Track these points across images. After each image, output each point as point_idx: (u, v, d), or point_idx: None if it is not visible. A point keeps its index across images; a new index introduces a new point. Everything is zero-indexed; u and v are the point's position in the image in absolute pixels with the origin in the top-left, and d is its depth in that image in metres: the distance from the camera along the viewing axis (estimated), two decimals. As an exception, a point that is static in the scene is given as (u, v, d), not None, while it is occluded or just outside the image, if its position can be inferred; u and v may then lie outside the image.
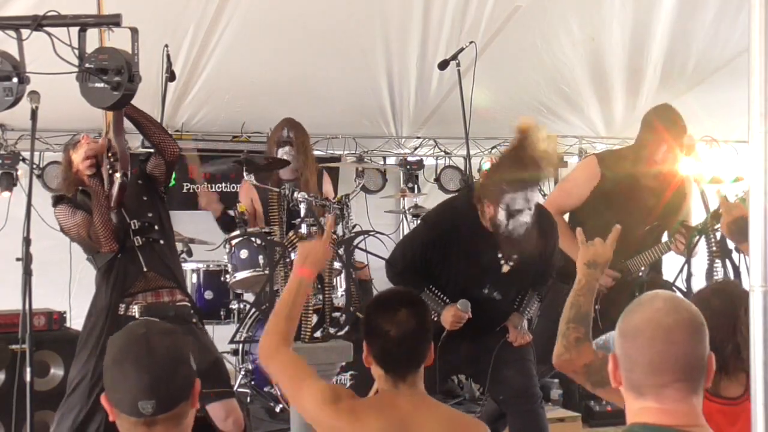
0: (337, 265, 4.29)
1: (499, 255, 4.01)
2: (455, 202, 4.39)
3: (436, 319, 3.95)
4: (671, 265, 4.65)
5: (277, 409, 5.12)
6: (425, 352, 2.60)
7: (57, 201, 3.77)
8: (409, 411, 2.54)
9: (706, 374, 1.89)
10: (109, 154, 3.48)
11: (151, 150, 3.97)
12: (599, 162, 4.66)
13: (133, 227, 3.79)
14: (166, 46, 4.72)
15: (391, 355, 2.56)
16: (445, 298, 4.05)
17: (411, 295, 2.71)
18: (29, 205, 3.36)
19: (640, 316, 1.90)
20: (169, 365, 1.90)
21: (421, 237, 4.17)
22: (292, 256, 4.19)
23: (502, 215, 3.89)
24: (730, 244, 4.47)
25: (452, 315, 3.95)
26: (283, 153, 5.42)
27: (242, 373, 5.35)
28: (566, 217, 4.75)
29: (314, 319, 3.79)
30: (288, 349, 2.74)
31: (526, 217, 3.89)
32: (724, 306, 2.49)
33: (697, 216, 4.49)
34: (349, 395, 2.63)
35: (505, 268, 4.05)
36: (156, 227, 3.85)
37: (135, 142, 6.28)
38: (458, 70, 5.47)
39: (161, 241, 3.87)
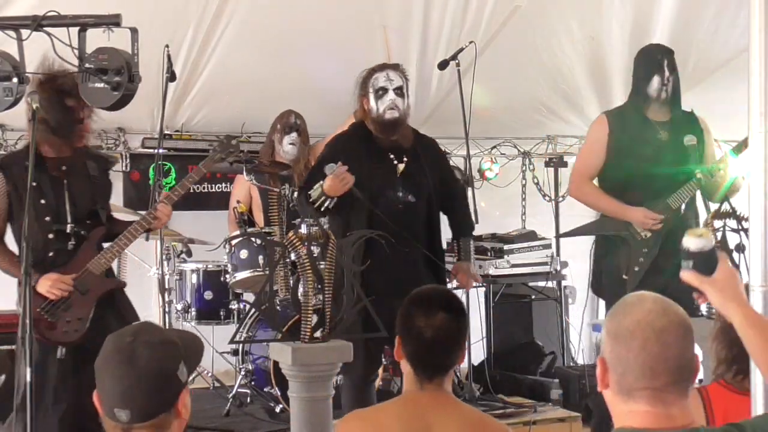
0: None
1: (391, 155, 4.45)
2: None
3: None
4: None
5: (277, 409, 5.11)
6: (458, 356, 2.60)
7: None
8: (432, 410, 2.55)
9: (694, 375, 1.89)
10: None
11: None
12: (607, 116, 4.76)
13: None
14: (167, 46, 4.72)
15: (423, 357, 2.57)
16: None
17: (451, 297, 2.69)
18: (29, 204, 3.35)
19: (632, 319, 1.88)
20: (147, 379, 1.89)
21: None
22: (292, 256, 4.18)
23: (372, 100, 4.43)
24: (731, 244, 4.48)
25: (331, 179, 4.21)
26: (289, 140, 5.55)
27: (242, 373, 5.36)
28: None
29: (314, 319, 3.78)
30: None
31: (391, 95, 4.42)
32: None
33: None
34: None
35: (400, 167, 4.44)
36: None
37: (135, 142, 6.29)
38: (458, 70, 5.46)
39: None
